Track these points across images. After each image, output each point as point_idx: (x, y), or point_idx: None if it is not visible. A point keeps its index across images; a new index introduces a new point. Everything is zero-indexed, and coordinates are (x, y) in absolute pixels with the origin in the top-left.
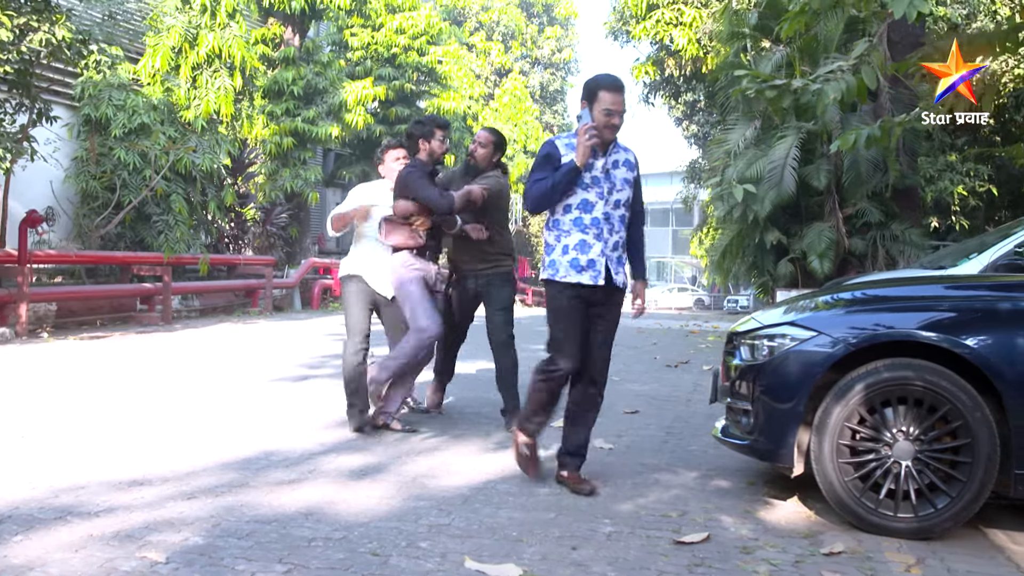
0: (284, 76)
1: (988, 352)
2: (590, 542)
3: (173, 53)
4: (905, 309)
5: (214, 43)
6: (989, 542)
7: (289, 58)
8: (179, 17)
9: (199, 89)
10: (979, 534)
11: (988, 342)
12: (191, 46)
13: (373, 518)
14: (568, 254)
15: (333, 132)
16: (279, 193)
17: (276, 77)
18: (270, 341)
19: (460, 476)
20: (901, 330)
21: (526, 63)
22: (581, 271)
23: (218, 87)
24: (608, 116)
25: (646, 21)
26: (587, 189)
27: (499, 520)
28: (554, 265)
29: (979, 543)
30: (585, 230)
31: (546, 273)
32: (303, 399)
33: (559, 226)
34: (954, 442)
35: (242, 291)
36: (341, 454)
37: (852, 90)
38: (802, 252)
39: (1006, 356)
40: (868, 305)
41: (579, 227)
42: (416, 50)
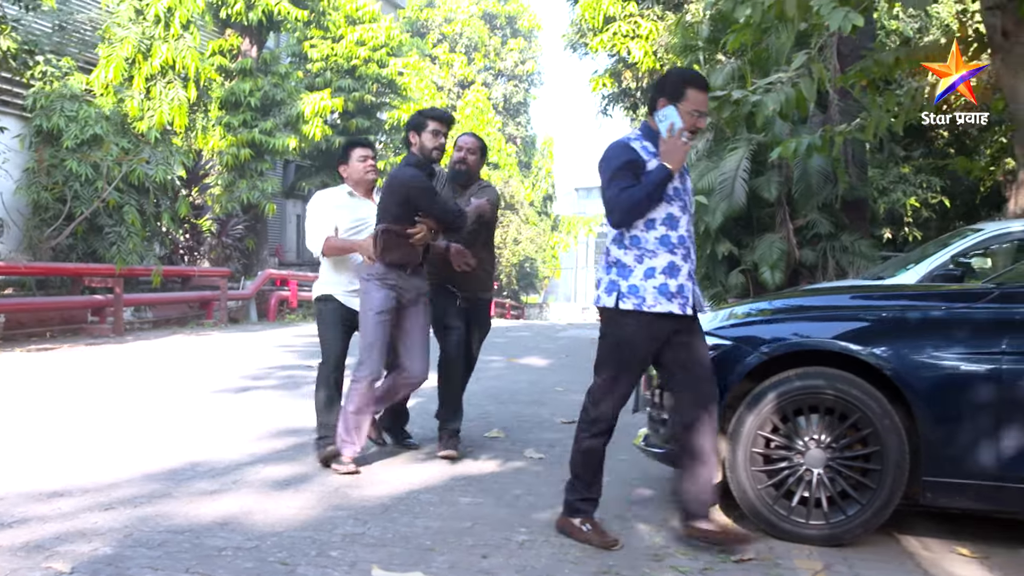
0: (241, 87)
1: (897, 361)
2: (501, 551)
3: (126, 64)
4: (819, 319)
5: (168, 54)
6: (901, 548)
7: (246, 69)
8: (132, 28)
9: (152, 100)
10: (892, 540)
11: (897, 351)
12: (144, 57)
13: (288, 528)
14: (654, 278)
15: (291, 143)
16: (236, 205)
17: (233, 88)
18: (219, 353)
19: (383, 486)
20: (812, 339)
21: (489, 75)
22: (671, 299)
23: (172, 98)
24: (695, 118)
25: (603, 34)
26: (670, 202)
27: (415, 529)
28: (636, 292)
29: (890, 549)
30: (673, 250)
31: (628, 302)
32: (241, 410)
33: (641, 244)
34: (864, 450)
35: (196, 303)
36: (269, 465)
37: (792, 102)
38: (753, 263)
39: (914, 365)
40: (784, 315)
41: (666, 246)
42: (376, 62)
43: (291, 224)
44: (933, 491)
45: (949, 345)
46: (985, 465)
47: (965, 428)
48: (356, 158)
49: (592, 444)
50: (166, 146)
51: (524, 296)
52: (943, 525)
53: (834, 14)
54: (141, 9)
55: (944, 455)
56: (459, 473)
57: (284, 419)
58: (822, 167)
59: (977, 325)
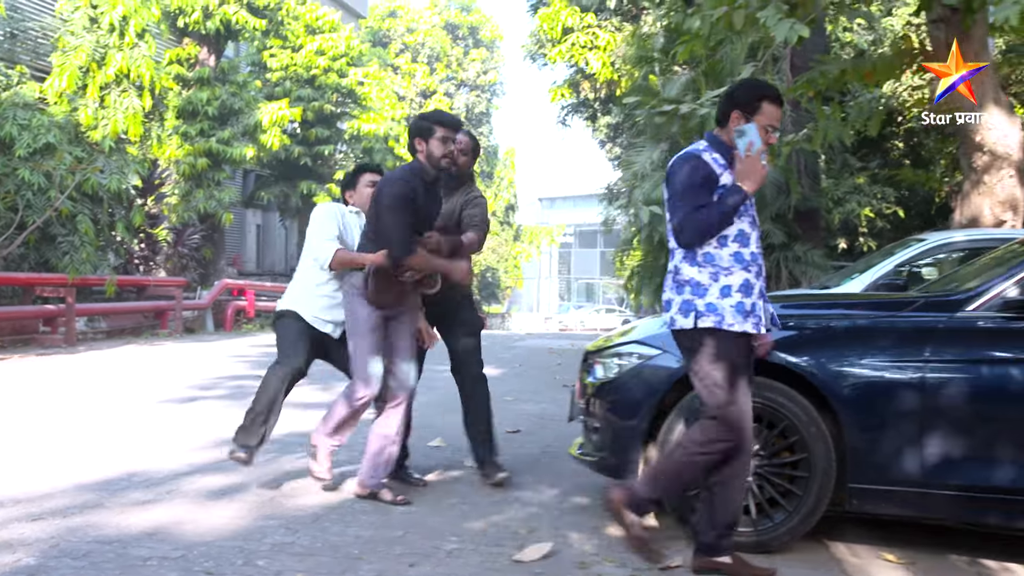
0: (199, 96)
1: (822, 369)
2: (430, 559)
3: (80, 73)
4: None
5: (122, 63)
6: (828, 554)
7: (204, 78)
8: (86, 36)
9: (107, 109)
10: (820, 547)
11: (823, 359)
12: (99, 66)
13: (218, 537)
14: (731, 296)
15: (248, 153)
16: (192, 214)
17: (190, 97)
18: (171, 363)
19: (318, 496)
20: None
21: (451, 85)
22: (747, 317)
23: (126, 107)
24: (768, 133)
25: (561, 44)
26: (740, 217)
27: (345, 538)
28: (715, 310)
29: (818, 556)
30: (747, 267)
31: (707, 320)
32: (186, 420)
33: (715, 261)
34: (792, 457)
35: (151, 313)
36: (207, 475)
37: None
38: None
39: (840, 373)
40: None
41: (740, 263)
42: (336, 71)
43: (251, 234)
44: (859, 498)
45: (874, 353)
46: (909, 472)
47: (889, 435)
48: (364, 183)
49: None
50: (120, 155)
51: (486, 306)
52: (874, 531)
53: (780, 25)
54: (95, 17)
55: (869, 462)
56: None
57: (228, 429)
58: (775, 178)
59: (901, 334)
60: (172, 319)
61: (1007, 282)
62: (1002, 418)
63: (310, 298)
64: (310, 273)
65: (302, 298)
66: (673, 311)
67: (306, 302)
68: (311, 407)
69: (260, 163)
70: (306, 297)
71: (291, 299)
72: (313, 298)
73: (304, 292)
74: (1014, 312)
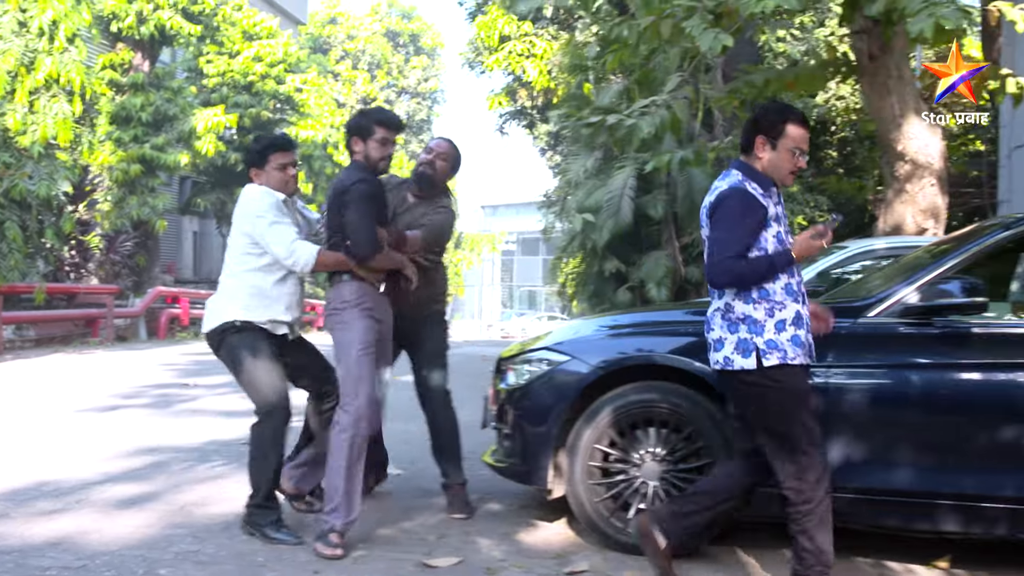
0: (132, 102)
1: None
2: (335, 566)
3: (9, 77)
4: (655, 333)
5: (52, 68)
6: (737, 559)
7: (138, 84)
8: (15, 40)
9: (36, 114)
10: (726, 551)
11: None
12: (28, 70)
13: (123, 547)
14: (786, 331)
15: (182, 159)
16: (125, 221)
17: (124, 103)
18: (97, 371)
19: (231, 503)
20: (645, 353)
21: (392, 92)
22: (802, 348)
23: (56, 112)
24: (796, 157)
25: (499, 52)
26: (782, 244)
27: (252, 547)
28: (776, 347)
29: (726, 560)
30: (796, 298)
31: (772, 358)
32: (104, 429)
33: (769, 296)
34: (698, 462)
35: (82, 321)
36: (118, 484)
37: (666, 124)
38: (640, 280)
39: None
40: (623, 330)
41: (791, 295)
42: (274, 78)
43: (187, 241)
44: (764, 501)
45: None
46: None
47: None
48: (275, 165)
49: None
50: (50, 161)
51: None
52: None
53: (705, 35)
54: (24, 21)
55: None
56: None
57: (146, 438)
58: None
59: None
60: (103, 327)
61: (907, 288)
62: (900, 422)
63: (261, 298)
64: (253, 269)
65: (252, 301)
66: (727, 351)
67: (258, 304)
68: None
69: (196, 170)
70: (257, 299)
71: (236, 305)
72: (265, 298)
73: (253, 292)
74: (913, 318)
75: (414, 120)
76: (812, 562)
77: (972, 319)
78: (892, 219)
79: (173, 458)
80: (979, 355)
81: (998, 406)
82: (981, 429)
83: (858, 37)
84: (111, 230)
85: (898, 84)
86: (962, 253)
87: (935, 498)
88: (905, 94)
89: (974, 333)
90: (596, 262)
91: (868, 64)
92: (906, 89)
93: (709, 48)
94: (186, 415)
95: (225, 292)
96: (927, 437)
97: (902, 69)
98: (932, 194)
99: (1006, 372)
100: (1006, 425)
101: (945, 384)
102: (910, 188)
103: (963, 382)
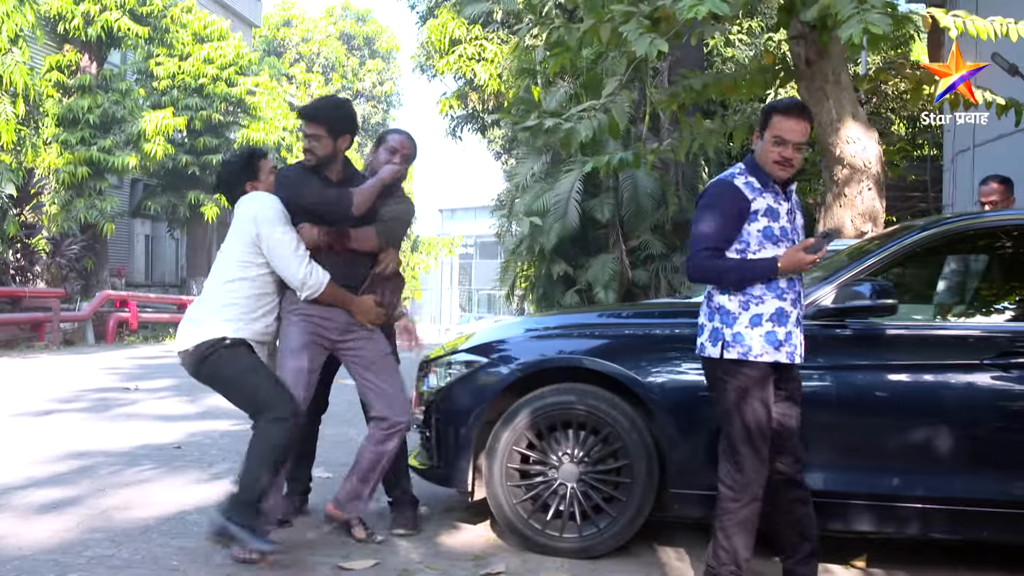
0: (80, 104)
1: (642, 376)
2: (249, 569)
3: None
4: (575, 336)
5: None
6: (656, 559)
7: (85, 86)
8: None
9: None
10: (649, 551)
11: (643, 366)
12: None
13: (36, 551)
14: (761, 326)
15: (131, 162)
16: (73, 224)
17: (71, 105)
18: (39, 375)
19: (154, 507)
20: (564, 356)
21: (347, 95)
22: (779, 347)
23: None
24: (777, 146)
25: (449, 56)
26: (778, 243)
27: (168, 550)
28: (741, 341)
29: (645, 560)
30: (782, 295)
31: (732, 351)
32: (35, 433)
33: (748, 290)
34: (616, 463)
35: (27, 325)
36: (42, 488)
37: (604, 127)
38: (588, 283)
39: (657, 380)
40: (546, 332)
41: (774, 291)
42: (224, 80)
43: (139, 244)
44: (680, 503)
45: (690, 360)
46: None
47: (707, 441)
48: (267, 170)
49: (747, 514)
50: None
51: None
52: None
53: (640, 40)
54: None
55: (689, 468)
56: None
57: (77, 442)
58: (652, 190)
59: None
60: (49, 331)
61: (823, 289)
62: (815, 423)
63: (251, 313)
64: (248, 280)
65: (244, 316)
66: (703, 337)
67: (249, 320)
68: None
69: (147, 172)
70: (249, 314)
71: (225, 321)
72: (255, 312)
73: (245, 307)
74: (828, 320)
75: (370, 124)
76: (725, 560)
77: (885, 321)
78: (832, 222)
79: (102, 462)
80: (891, 357)
81: (911, 407)
82: (893, 431)
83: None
84: (58, 233)
85: (835, 89)
86: (878, 254)
87: (848, 498)
88: (842, 99)
89: (887, 335)
90: (544, 265)
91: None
92: (843, 94)
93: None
94: (122, 419)
95: (211, 304)
96: (842, 438)
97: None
98: (870, 197)
99: (919, 373)
100: (918, 427)
101: (857, 386)
102: (848, 192)
103: (875, 384)
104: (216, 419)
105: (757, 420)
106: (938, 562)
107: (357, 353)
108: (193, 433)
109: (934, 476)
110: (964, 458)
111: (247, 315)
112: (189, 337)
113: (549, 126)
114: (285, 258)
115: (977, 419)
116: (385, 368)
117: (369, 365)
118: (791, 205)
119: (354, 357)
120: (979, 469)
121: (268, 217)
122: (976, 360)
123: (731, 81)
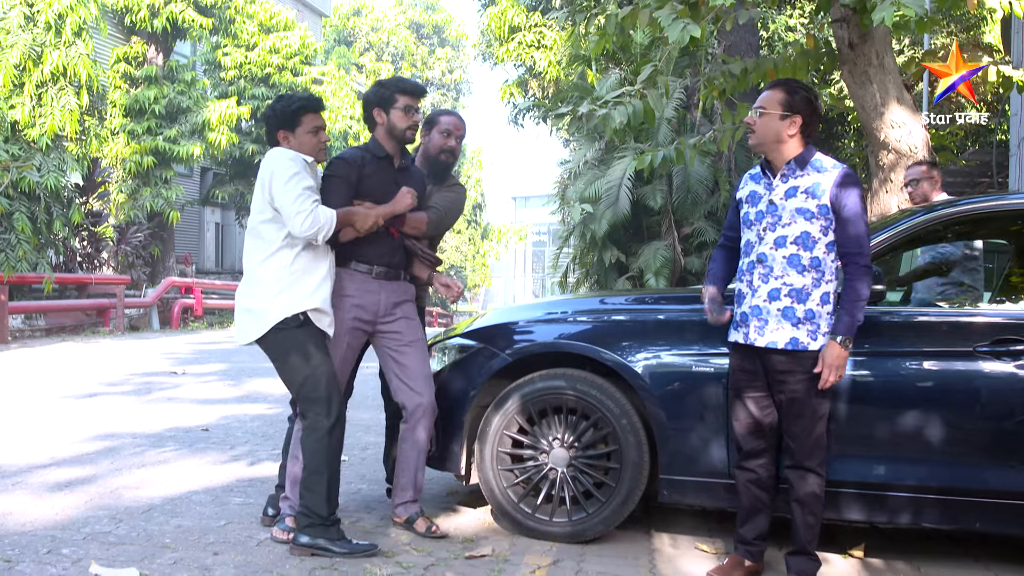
0: (146, 95)
1: (632, 362)
2: (236, 548)
3: (16, 71)
4: (567, 322)
5: (59, 61)
6: (644, 545)
7: (152, 76)
8: (22, 35)
9: (44, 107)
10: (640, 536)
11: (633, 352)
12: (35, 64)
13: (38, 528)
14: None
15: (195, 151)
16: (139, 212)
17: (137, 96)
18: (97, 360)
19: (164, 487)
20: (551, 341)
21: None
22: (736, 328)
23: (63, 105)
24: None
25: (509, 43)
26: (750, 227)
27: (165, 528)
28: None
29: (633, 546)
30: (740, 277)
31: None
32: (74, 414)
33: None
34: (605, 449)
35: (92, 311)
36: (62, 467)
37: (639, 114)
38: (639, 270)
39: (648, 366)
40: (536, 318)
41: (738, 275)
42: (290, 70)
43: (209, 232)
44: (669, 489)
45: (680, 347)
46: (715, 464)
47: (696, 428)
48: (308, 128)
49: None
50: (59, 153)
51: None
52: (700, 523)
53: (673, 25)
54: (31, 16)
55: (678, 454)
56: (249, 476)
57: (110, 423)
58: (704, 177)
59: (706, 328)
60: (114, 317)
61: None
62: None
63: (294, 285)
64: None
65: (288, 289)
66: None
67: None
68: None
69: (215, 161)
70: (292, 286)
71: (278, 299)
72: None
73: (286, 280)
74: None
75: None
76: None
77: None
78: (879, 208)
79: (127, 443)
80: (880, 343)
81: (902, 395)
82: (884, 418)
83: (838, 25)
84: (124, 221)
85: (879, 72)
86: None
87: (839, 487)
88: (887, 82)
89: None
90: (596, 252)
91: (848, 52)
92: (887, 77)
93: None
94: (160, 402)
95: (250, 287)
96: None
97: (883, 57)
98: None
99: (908, 360)
100: (905, 415)
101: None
102: (895, 178)
103: (864, 370)
104: (252, 403)
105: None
106: (936, 551)
107: (396, 334)
108: (225, 416)
109: (924, 465)
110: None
111: (297, 287)
112: (247, 332)
113: (584, 112)
114: (289, 216)
115: (971, 407)
116: (418, 351)
117: (403, 348)
118: (784, 191)
119: (392, 338)
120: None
121: (285, 171)
122: (969, 347)
123: (772, 66)
